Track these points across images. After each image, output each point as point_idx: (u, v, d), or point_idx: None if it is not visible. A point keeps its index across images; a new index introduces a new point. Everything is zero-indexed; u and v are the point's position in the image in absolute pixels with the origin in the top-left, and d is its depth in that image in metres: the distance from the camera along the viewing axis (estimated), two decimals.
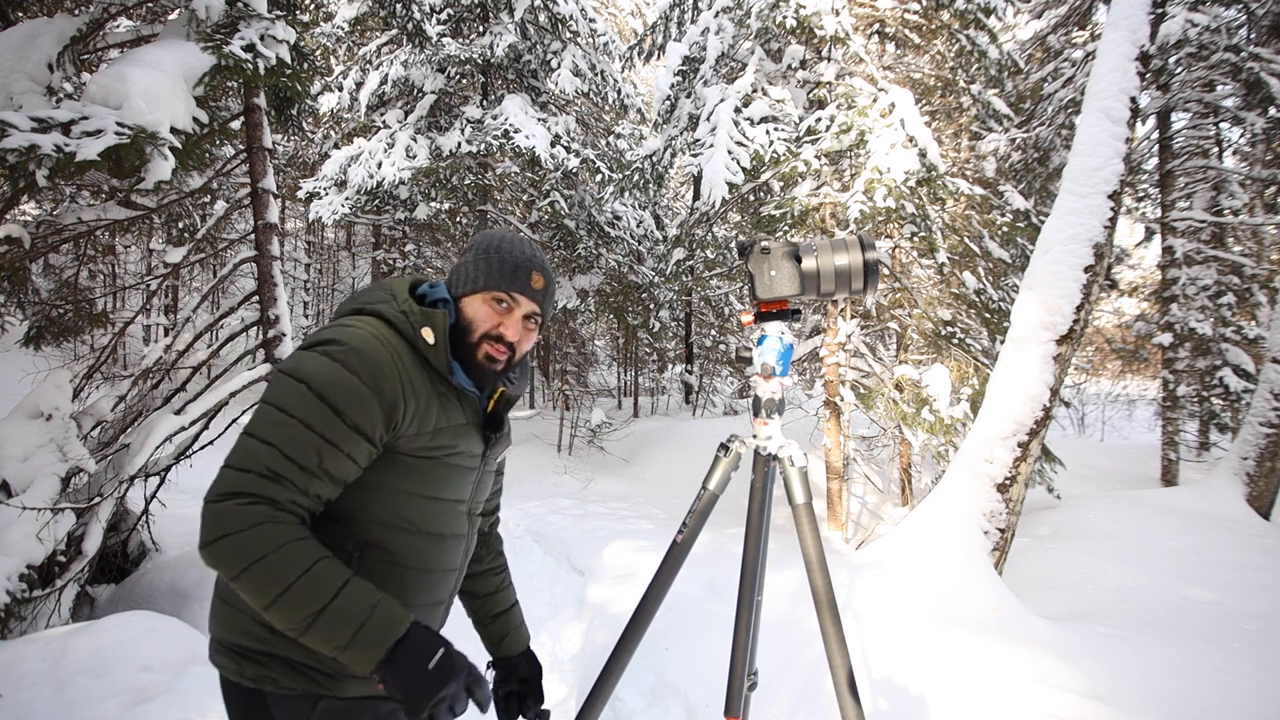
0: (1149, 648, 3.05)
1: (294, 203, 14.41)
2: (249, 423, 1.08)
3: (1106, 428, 15.92)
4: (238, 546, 0.98)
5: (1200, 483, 6.49)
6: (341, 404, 1.06)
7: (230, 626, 1.16)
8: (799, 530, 1.54)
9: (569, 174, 10.24)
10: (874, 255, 1.49)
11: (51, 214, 4.52)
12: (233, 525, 0.99)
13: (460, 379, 1.21)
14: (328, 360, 1.08)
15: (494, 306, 1.24)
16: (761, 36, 7.15)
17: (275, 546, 0.99)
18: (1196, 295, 9.01)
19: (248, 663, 1.14)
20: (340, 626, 1.00)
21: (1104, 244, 3.91)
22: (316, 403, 1.05)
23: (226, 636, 1.17)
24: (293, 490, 1.03)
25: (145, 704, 2.51)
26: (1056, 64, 9.61)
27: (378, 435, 1.10)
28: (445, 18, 9.87)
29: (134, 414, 4.26)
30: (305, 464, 1.04)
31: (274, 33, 3.60)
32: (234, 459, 1.04)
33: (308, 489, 1.05)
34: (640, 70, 14.15)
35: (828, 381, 7.05)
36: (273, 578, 0.98)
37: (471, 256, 1.27)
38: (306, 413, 1.05)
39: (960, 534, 3.71)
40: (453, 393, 1.22)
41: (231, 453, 1.05)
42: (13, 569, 3.13)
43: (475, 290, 1.24)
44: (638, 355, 16.93)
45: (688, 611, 3.38)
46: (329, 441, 1.05)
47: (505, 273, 1.24)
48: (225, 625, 1.17)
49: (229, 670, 1.17)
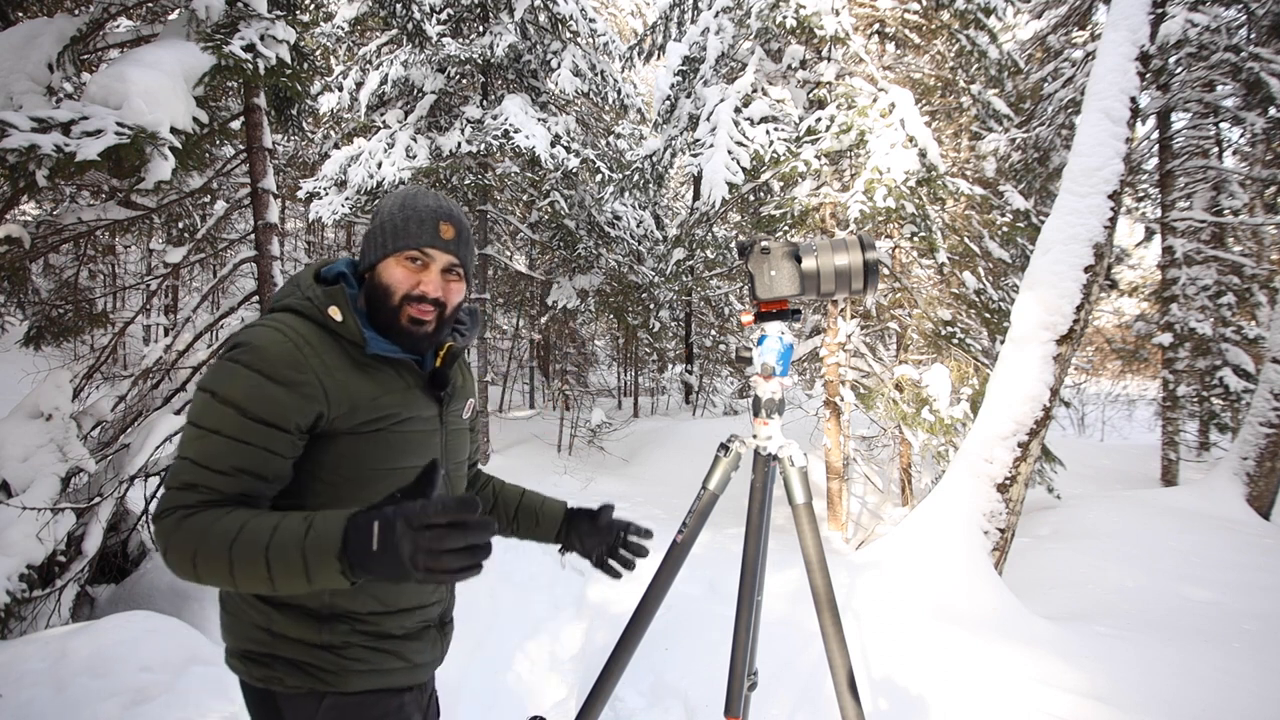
0: (1149, 648, 3.05)
1: (294, 203, 14.40)
2: (192, 414, 1.11)
3: (1106, 428, 15.93)
4: (178, 552, 1.01)
5: (1200, 483, 6.49)
6: (244, 402, 1.07)
7: (234, 633, 1.20)
8: (799, 530, 1.54)
9: (569, 174, 10.24)
10: (874, 255, 1.49)
11: (51, 214, 4.53)
12: (167, 539, 1.03)
13: (378, 347, 1.18)
14: (232, 365, 1.10)
15: (408, 266, 1.20)
16: (761, 36, 7.15)
17: (199, 535, 1.01)
18: (1196, 295, 9.02)
19: (255, 665, 1.17)
20: (290, 562, 0.96)
21: (1104, 244, 3.92)
22: (220, 408, 1.07)
23: (233, 642, 1.21)
24: (207, 493, 1.06)
25: (145, 704, 2.51)
26: (1056, 64, 9.61)
27: (293, 424, 1.10)
28: (445, 18, 9.86)
29: (134, 414, 4.26)
30: (218, 468, 1.06)
31: (274, 33, 3.59)
32: (167, 480, 1.09)
33: (225, 489, 1.07)
34: (640, 70, 14.16)
35: (828, 381, 7.05)
36: (214, 556, 0.99)
37: (377, 221, 1.23)
38: (214, 420, 1.07)
39: (960, 534, 3.71)
40: (381, 362, 1.19)
41: (184, 441, 1.10)
42: (13, 569, 3.13)
43: (385, 254, 1.20)
44: (638, 355, 16.93)
45: (688, 611, 3.38)
46: (238, 440, 1.07)
47: (410, 229, 1.20)
48: (229, 632, 1.21)
49: (241, 673, 1.20)
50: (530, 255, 14.15)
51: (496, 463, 9.88)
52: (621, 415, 13.94)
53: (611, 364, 19.27)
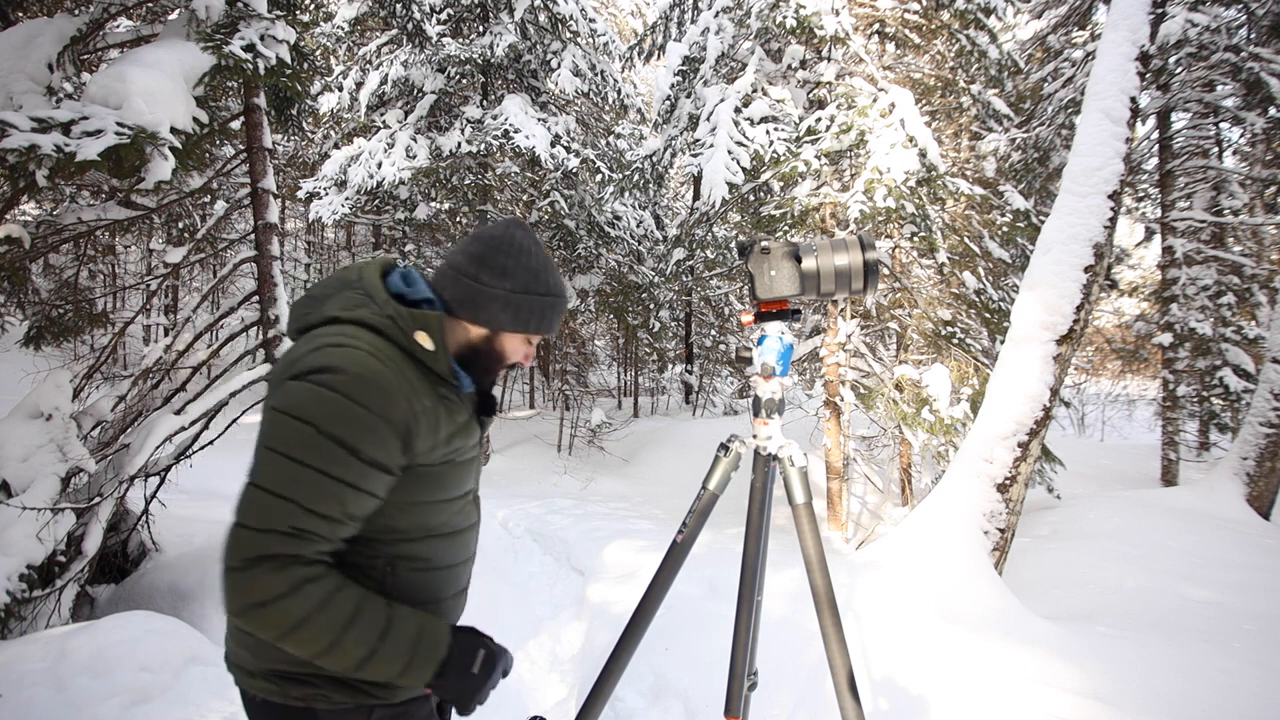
0: (1149, 648, 3.05)
1: (294, 203, 14.40)
2: (255, 472, 1.00)
3: (1106, 428, 15.92)
4: (278, 613, 0.95)
5: (1200, 483, 6.49)
6: (355, 441, 0.99)
7: (264, 655, 1.12)
8: (799, 530, 1.54)
9: (569, 174, 10.24)
10: (874, 255, 1.49)
11: (51, 214, 4.53)
12: (267, 592, 0.95)
13: (469, 386, 1.19)
14: (328, 393, 0.99)
15: (528, 344, 1.24)
16: (761, 36, 7.15)
17: (317, 606, 0.97)
18: (1196, 295, 9.02)
19: (294, 684, 1.10)
20: (391, 662, 1.02)
21: (1104, 244, 3.92)
22: (328, 445, 0.98)
23: (263, 664, 1.12)
24: (320, 541, 1.00)
25: (145, 704, 2.51)
26: (1056, 64, 9.62)
27: (395, 464, 1.05)
28: (445, 18, 9.86)
29: (134, 414, 4.26)
30: (328, 513, 0.99)
31: (274, 33, 3.59)
32: (249, 518, 0.98)
33: (333, 535, 1.02)
34: (640, 70, 14.15)
35: (828, 381, 7.05)
36: (319, 636, 0.97)
37: (514, 289, 1.17)
38: (319, 458, 0.98)
39: (960, 534, 3.71)
40: (453, 391, 1.17)
41: (242, 509, 0.98)
42: (13, 569, 3.13)
43: (517, 331, 1.20)
44: (638, 355, 16.92)
45: (688, 611, 3.38)
46: (349, 485, 1.00)
47: (549, 321, 1.22)
48: (257, 654, 1.12)
49: (271, 693, 1.12)
50: None
51: (497, 463, 9.88)
52: (621, 415, 13.94)
53: (611, 364, 19.27)
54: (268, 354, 4.35)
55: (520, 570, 4.95)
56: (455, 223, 12.76)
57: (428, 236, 14.02)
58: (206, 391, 4.27)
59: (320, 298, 1.15)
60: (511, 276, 1.18)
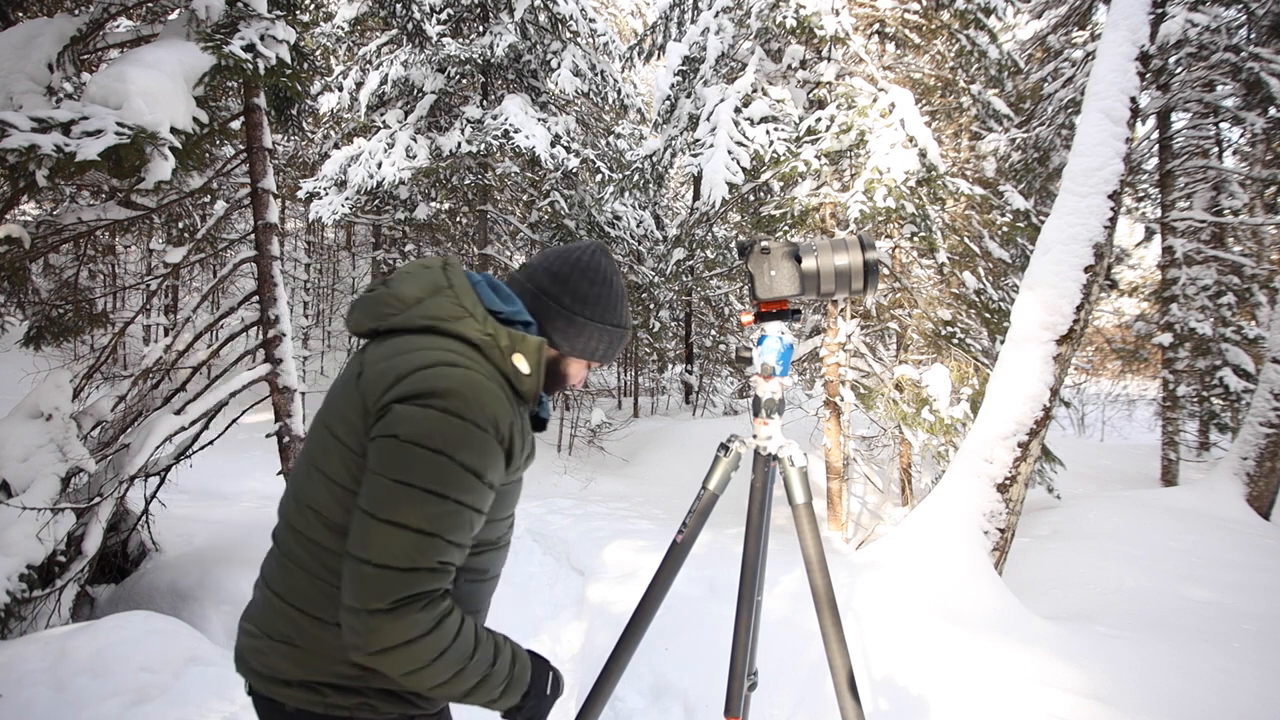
0: (1149, 648, 3.05)
1: (294, 203, 14.40)
2: (388, 507, 0.97)
3: (1106, 428, 15.92)
4: (421, 649, 0.96)
5: (1200, 483, 6.49)
6: (481, 467, 1.01)
7: (309, 666, 1.09)
8: (799, 530, 1.54)
9: (569, 174, 10.24)
10: (874, 255, 1.48)
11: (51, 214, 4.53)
12: (414, 631, 0.96)
13: (545, 412, 1.24)
14: (455, 420, 0.99)
15: (588, 367, 1.27)
16: (761, 36, 7.15)
17: (452, 639, 0.99)
18: (1196, 295, 9.02)
19: (342, 694, 1.09)
20: (494, 688, 1.08)
21: (1104, 244, 3.92)
22: (463, 474, 0.98)
23: (306, 674, 1.09)
24: (454, 571, 1.03)
25: (145, 704, 2.51)
26: (1056, 64, 9.62)
27: (500, 484, 1.08)
28: (445, 18, 9.86)
29: (134, 414, 4.26)
30: (463, 542, 1.02)
31: (274, 33, 3.59)
32: (392, 557, 0.95)
33: (461, 561, 1.05)
34: (640, 70, 14.15)
35: (828, 381, 7.05)
36: (448, 668, 1.00)
37: (590, 320, 1.19)
38: (457, 489, 0.98)
39: (960, 534, 3.71)
40: (527, 410, 1.17)
41: (380, 548, 0.96)
42: (13, 569, 3.13)
43: (588, 359, 1.23)
44: (638, 355, 16.92)
45: (688, 611, 3.38)
46: (479, 511, 1.03)
47: (616, 351, 1.26)
48: (301, 664, 1.09)
49: (311, 703, 1.09)
50: (530, 255, 14.14)
51: None
52: (621, 415, 13.93)
53: (611, 364, 19.26)
54: (268, 354, 4.35)
55: (520, 570, 4.95)
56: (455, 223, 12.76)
57: (428, 236, 14.02)
58: (206, 391, 4.26)
59: (408, 297, 1.11)
60: (593, 304, 1.19)
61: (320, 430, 1.11)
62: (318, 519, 1.08)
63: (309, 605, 1.08)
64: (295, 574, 1.10)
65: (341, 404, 1.09)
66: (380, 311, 1.13)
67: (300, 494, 1.12)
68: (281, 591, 1.11)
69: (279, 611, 1.11)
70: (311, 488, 1.09)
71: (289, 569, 1.11)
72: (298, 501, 1.12)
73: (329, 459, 1.07)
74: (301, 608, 1.08)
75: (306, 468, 1.12)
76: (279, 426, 4.36)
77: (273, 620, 1.12)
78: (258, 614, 1.15)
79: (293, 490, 1.15)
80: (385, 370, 1.04)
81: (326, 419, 1.11)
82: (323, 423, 1.12)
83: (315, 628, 1.08)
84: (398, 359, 1.04)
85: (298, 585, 1.09)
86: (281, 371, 4.35)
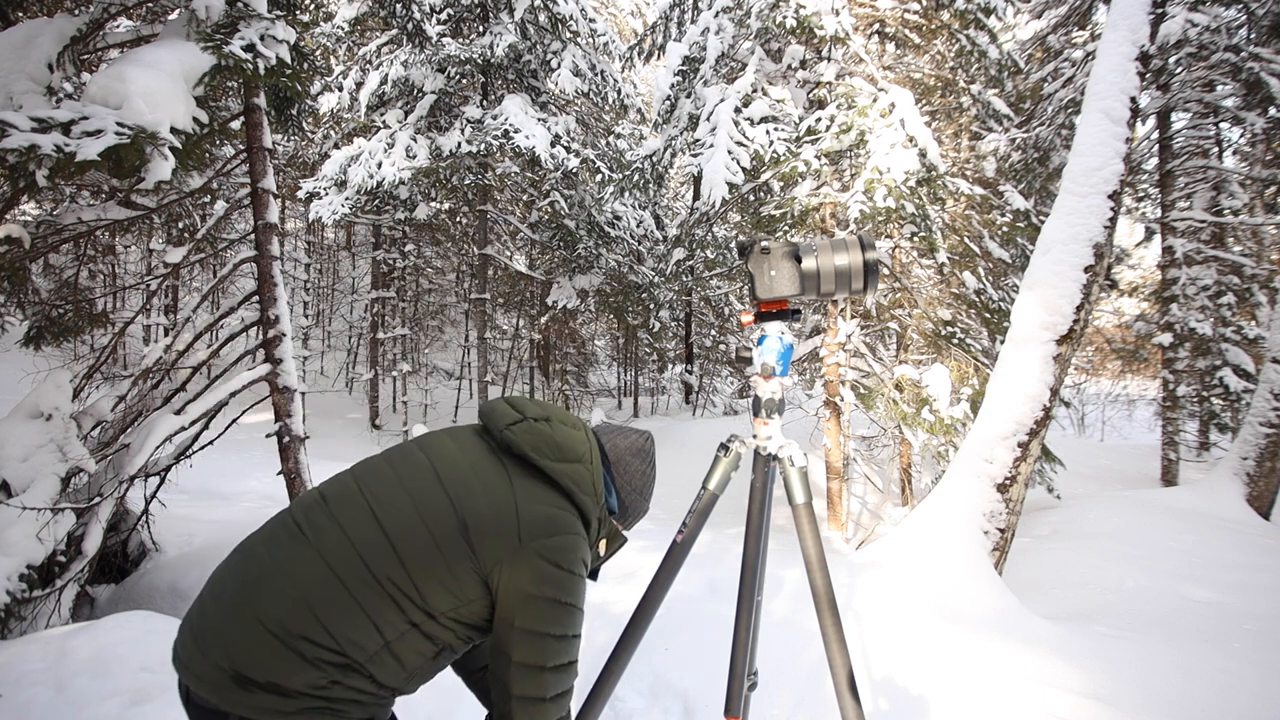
0: (1149, 648, 3.05)
1: (294, 203, 14.40)
2: (549, 625, 1.21)
3: (1106, 428, 15.92)
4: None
5: (1200, 483, 6.49)
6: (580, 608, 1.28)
7: (302, 680, 1.11)
8: (799, 530, 1.54)
9: (569, 174, 10.25)
10: (874, 255, 1.49)
11: (51, 214, 4.52)
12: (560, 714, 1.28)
13: (595, 580, 1.43)
14: (578, 580, 1.25)
15: None
16: (761, 36, 7.15)
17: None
18: (1196, 295, 9.01)
19: (310, 699, 1.13)
20: None
21: (1104, 244, 3.92)
22: (579, 616, 1.27)
23: (293, 686, 1.11)
24: None
25: (145, 704, 2.50)
26: (1056, 64, 9.61)
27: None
28: (445, 18, 9.86)
29: (134, 414, 4.26)
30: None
31: (274, 33, 3.59)
32: (547, 689, 1.22)
33: None
34: (640, 70, 14.14)
35: (828, 381, 7.05)
36: None
37: (636, 498, 1.46)
38: (577, 627, 1.27)
39: (960, 534, 3.71)
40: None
41: (548, 654, 1.21)
42: (13, 569, 3.13)
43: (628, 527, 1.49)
44: (638, 355, 16.92)
45: (688, 611, 3.38)
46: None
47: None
48: (295, 678, 1.11)
49: (270, 715, 1.10)
50: (530, 255, 14.16)
51: None
52: (621, 415, 13.94)
53: (611, 364, 19.26)
54: (268, 354, 4.35)
55: None
56: (455, 223, 12.77)
57: (428, 236, 14.03)
58: (206, 391, 4.26)
59: (558, 443, 1.30)
60: (636, 484, 1.45)
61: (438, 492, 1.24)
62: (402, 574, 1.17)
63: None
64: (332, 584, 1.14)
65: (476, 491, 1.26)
66: (532, 438, 1.29)
67: (395, 529, 1.19)
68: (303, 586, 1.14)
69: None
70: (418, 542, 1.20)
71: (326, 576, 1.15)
72: (385, 532, 1.18)
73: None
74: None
75: (412, 507, 1.20)
76: (279, 426, 4.35)
77: (286, 627, 1.12)
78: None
79: (376, 511, 1.20)
80: (537, 521, 1.23)
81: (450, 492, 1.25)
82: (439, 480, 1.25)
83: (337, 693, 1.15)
84: (546, 520, 1.24)
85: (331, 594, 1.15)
86: (281, 371, 4.35)
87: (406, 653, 1.16)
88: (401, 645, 1.15)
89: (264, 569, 1.16)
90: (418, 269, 14.94)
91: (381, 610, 1.12)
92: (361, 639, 1.11)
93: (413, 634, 1.16)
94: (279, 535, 1.21)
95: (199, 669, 1.12)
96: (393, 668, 1.16)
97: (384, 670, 1.15)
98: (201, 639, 1.14)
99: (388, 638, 1.13)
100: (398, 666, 1.17)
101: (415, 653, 1.17)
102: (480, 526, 1.17)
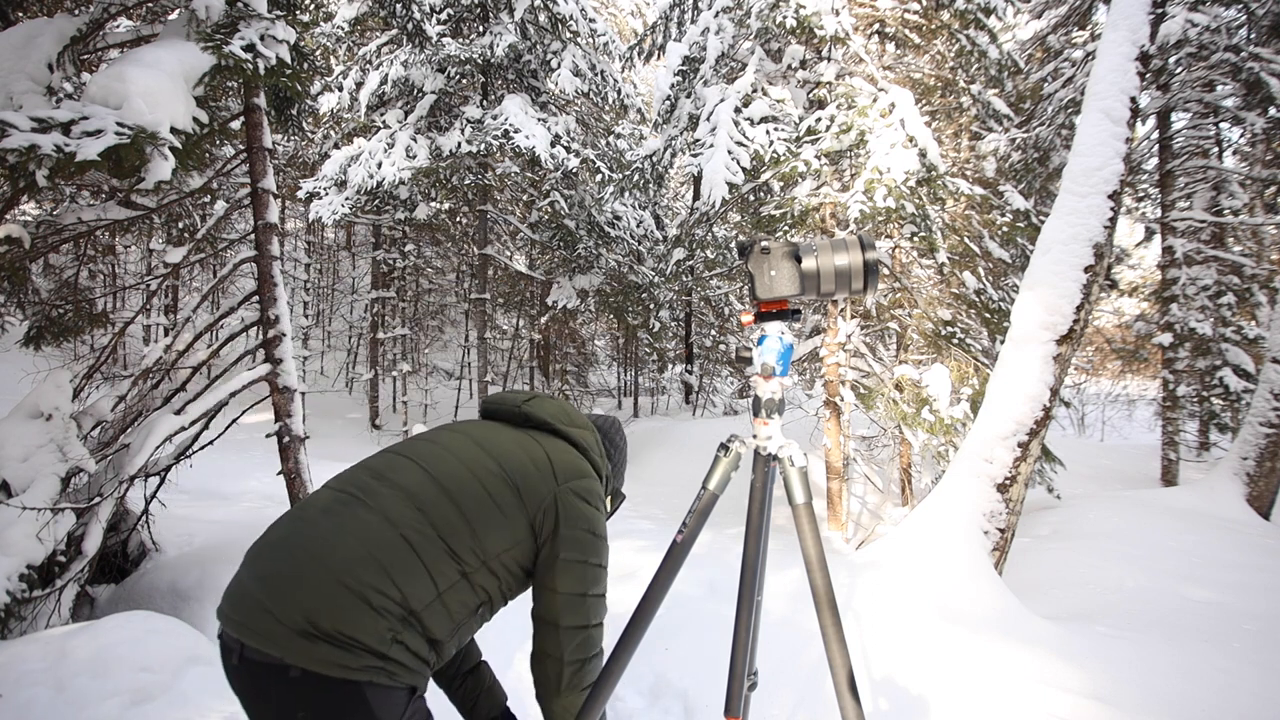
0: (1150, 648, 3.05)
1: (294, 203, 14.40)
2: (586, 553, 1.48)
3: (1106, 428, 15.92)
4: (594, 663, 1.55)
5: (1200, 483, 6.49)
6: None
7: (368, 630, 1.18)
8: (799, 530, 1.54)
9: (569, 174, 10.25)
10: (874, 255, 1.48)
11: (51, 214, 4.52)
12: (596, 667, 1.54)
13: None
14: (600, 516, 1.53)
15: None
16: (761, 36, 7.15)
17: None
18: (1196, 295, 9.01)
19: (370, 656, 1.20)
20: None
21: (1104, 244, 3.92)
22: (607, 546, 1.55)
23: (359, 636, 1.18)
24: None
25: (145, 704, 2.50)
26: (1056, 64, 9.62)
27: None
28: (445, 18, 9.87)
29: (134, 414, 4.26)
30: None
31: (274, 33, 3.59)
32: (586, 618, 1.52)
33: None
34: (640, 70, 14.15)
35: (828, 381, 7.05)
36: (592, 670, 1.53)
37: (620, 461, 1.79)
38: (606, 558, 1.56)
39: (960, 534, 3.71)
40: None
41: (588, 580, 1.49)
42: (13, 569, 3.13)
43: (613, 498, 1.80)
44: (638, 355, 16.92)
45: (688, 611, 3.38)
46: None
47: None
48: (358, 627, 1.18)
49: (330, 667, 1.16)
50: (530, 255, 14.16)
51: None
52: (621, 415, 13.94)
53: (611, 364, 19.27)
54: (268, 354, 4.35)
55: None
56: (455, 223, 12.77)
57: (428, 236, 14.03)
58: (206, 391, 4.26)
59: (569, 412, 1.61)
60: (624, 466, 1.82)
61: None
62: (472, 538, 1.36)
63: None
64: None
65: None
66: (550, 411, 1.58)
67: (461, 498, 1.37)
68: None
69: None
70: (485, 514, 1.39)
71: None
72: (450, 499, 1.35)
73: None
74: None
75: (474, 482, 1.40)
76: (279, 426, 4.35)
77: (356, 580, 1.21)
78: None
79: (438, 478, 1.38)
80: (566, 466, 1.50)
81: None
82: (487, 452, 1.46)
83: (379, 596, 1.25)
84: (571, 464, 1.52)
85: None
86: (281, 371, 4.35)
87: (454, 604, 1.31)
88: (451, 596, 1.29)
89: (327, 532, 1.26)
90: (418, 269, 14.95)
91: (437, 562, 1.28)
92: (420, 590, 1.25)
93: (462, 584, 1.31)
94: (332, 506, 1.32)
95: (259, 625, 1.18)
96: (442, 618, 1.29)
97: (436, 621, 1.28)
98: (268, 595, 1.20)
99: (440, 588, 1.28)
100: (446, 617, 1.30)
101: (461, 604, 1.32)
102: (524, 474, 1.41)
